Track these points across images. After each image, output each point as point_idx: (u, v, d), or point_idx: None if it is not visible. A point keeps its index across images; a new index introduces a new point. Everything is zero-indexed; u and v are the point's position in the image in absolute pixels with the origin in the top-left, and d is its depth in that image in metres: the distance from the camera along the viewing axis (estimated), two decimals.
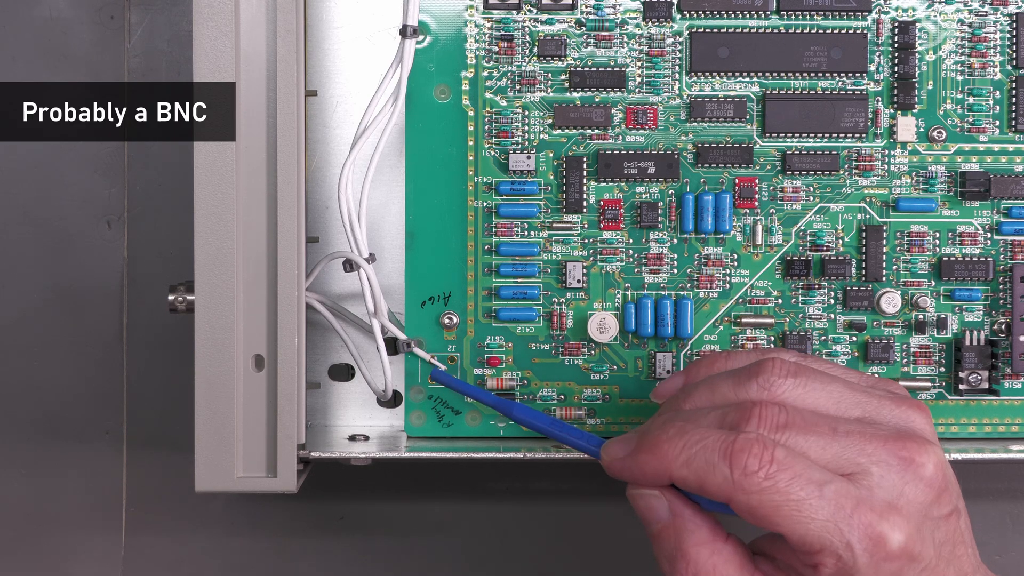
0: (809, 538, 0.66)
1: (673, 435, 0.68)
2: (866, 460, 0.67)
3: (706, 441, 0.67)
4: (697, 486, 0.67)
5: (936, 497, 0.68)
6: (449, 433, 0.81)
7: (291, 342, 0.75)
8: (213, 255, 0.74)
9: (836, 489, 0.66)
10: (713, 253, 0.80)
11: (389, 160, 0.81)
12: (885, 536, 0.66)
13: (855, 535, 0.66)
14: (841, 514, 0.66)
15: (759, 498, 0.65)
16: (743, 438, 0.66)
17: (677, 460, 0.67)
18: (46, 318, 0.85)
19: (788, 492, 0.65)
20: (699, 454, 0.67)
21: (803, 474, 0.66)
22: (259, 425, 0.76)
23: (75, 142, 0.85)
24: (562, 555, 0.86)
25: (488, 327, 0.80)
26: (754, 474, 0.65)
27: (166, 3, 0.84)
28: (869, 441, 0.67)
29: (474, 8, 0.79)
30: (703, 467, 0.66)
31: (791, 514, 0.65)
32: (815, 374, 0.70)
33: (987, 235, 0.80)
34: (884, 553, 0.66)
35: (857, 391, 0.70)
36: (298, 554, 0.86)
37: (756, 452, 0.66)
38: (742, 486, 0.65)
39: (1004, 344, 0.80)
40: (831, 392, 0.69)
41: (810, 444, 0.67)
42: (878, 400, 0.70)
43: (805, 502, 0.65)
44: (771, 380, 0.69)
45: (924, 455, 0.68)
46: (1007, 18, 0.80)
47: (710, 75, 0.80)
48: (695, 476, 0.67)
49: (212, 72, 0.74)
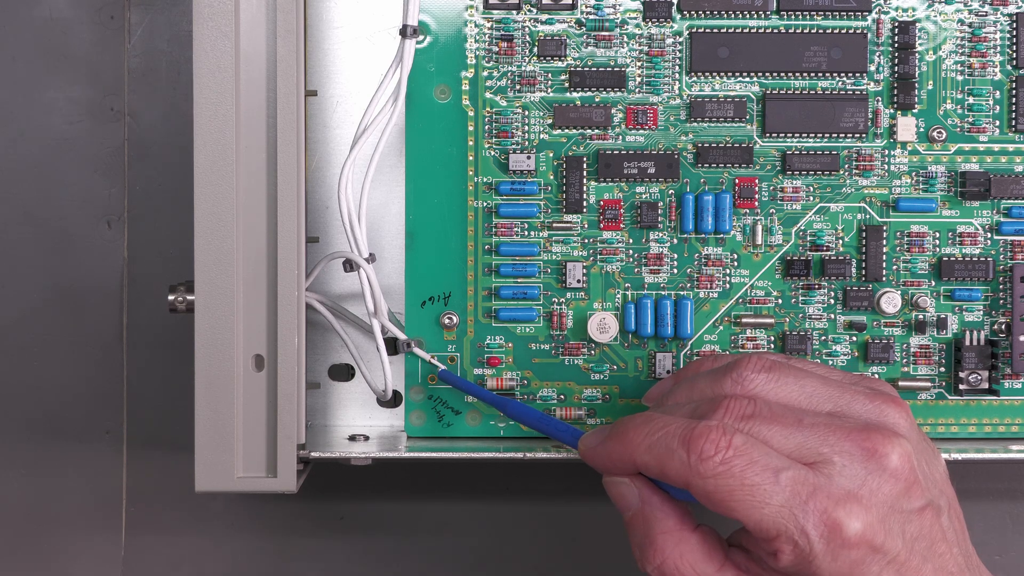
0: (764, 524, 0.66)
1: (640, 423, 0.69)
2: (828, 450, 0.68)
3: (668, 428, 0.68)
4: (658, 471, 0.68)
5: (905, 489, 0.68)
6: (449, 433, 0.81)
7: (291, 342, 0.75)
8: (213, 255, 0.74)
9: (793, 476, 0.66)
10: (713, 253, 0.80)
11: (389, 160, 0.81)
12: (841, 523, 0.66)
13: (810, 521, 0.66)
14: (796, 500, 0.66)
15: (714, 483, 0.66)
16: (703, 425, 0.67)
17: (640, 446, 0.68)
18: (46, 318, 0.85)
19: (743, 477, 0.66)
20: (660, 440, 0.68)
21: (759, 461, 0.66)
22: (259, 425, 0.76)
23: (75, 142, 0.85)
24: (562, 555, 0.86)
25: (488, 327, 0.80)
26: (710, 459, 0.66)
27: (166, 3, 0.84)
28: (833, 432, 0.68)
29: (474, 8, 0.79)
30: (663, 452, 0.68)
31: (745, 499, 0.66)
32: (790, 370, 0.71)
33: (987, 235, 0.80)
34: (840, 540, 0.66)
35: (831, 386, 0.70)
36: (298, 554, 0.86)
37: (713, 438, 0.67)
38: (698, 471, 0.66)
39: (1004, 344, 0.80)
40: (804, 386, 0.70)
41: (773, 433, 0.68)
42: (851, 395, 0.70)
43: (759, 487, 0.66)
44: (744, 375, 0.70)
45: (889, 446, 0.68)
46: (1007, 18, 0.80)
47: (710, 75, 0.80)
48: (656, 461, 0.68)
49: (212, 72, 0.74)
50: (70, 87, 0.84)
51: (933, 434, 0.81)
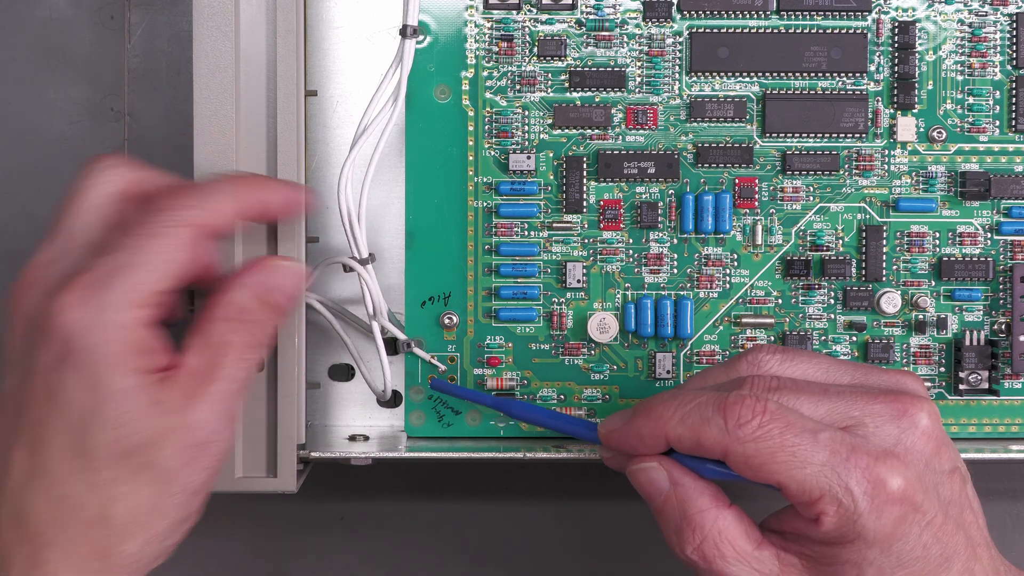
0: (807, 484, 0.66)
1: (668, 399, 0.69)
2: (859, 412, 0.68)
3: (700, 399, 0.68)
4: (693, 442, 0.68)
5: (936, 449, 0.68)
6: (449, 433, 0.81)
7: (291, 342, 0.75)
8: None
9: (831, 436, 0.67)
10: (713, 253, 0.80)
11: (389, 160, 0.81)
12: (883, 478, 0.66)
13: (853, 478, 0.66)
14: (837, 458, 0.66)
15: (755, 446, 0.66)
16: (736, 394, 0.67)
17: (672, 419, 0.68)
18: None
19: (783, 439, 0.66)
20: (694, 411, 0.68)
21: (796, 423, 0.66)
22: (259, 425, 0.76)
23: (75, 142, 0.85)
24: (562, 555, 0.86)
25: (488, 327, 0.80)
26: (748, 423, 0.66)
27: (166, 3, 0.84)
28: (861, 397, 0.68)
29: (474, 8, 0.79)
30: (698, 421, 0.67)
31: (786, 460, 0.66)
32: (801, 352, 0.71)
33: (987, 235, 0.80)
34: (885, 496, 0.66)
35: (845, 364, 0.71)
36: (298, 554, 0.86)
37: (749, 403, 0.67)
38: (737, 436, 0.66)
39: (1004, 344, 0.80)
40: (819, 364, 0.71)
41: (802, 402, 0.68)
42: (866, 369, 0.71)
43: (800, 447, 0.66)
44: (759, 358, 0.71)
45: (917, 406, 0.68)
46: (1007, 18, 0.80)
47: (710, 75, 0.80)
48: (690, 432, 0.68)
49: (212, 72, 0.74)
50: (70, 87, 0.84)
51: None
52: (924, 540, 0.67)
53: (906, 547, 0.67)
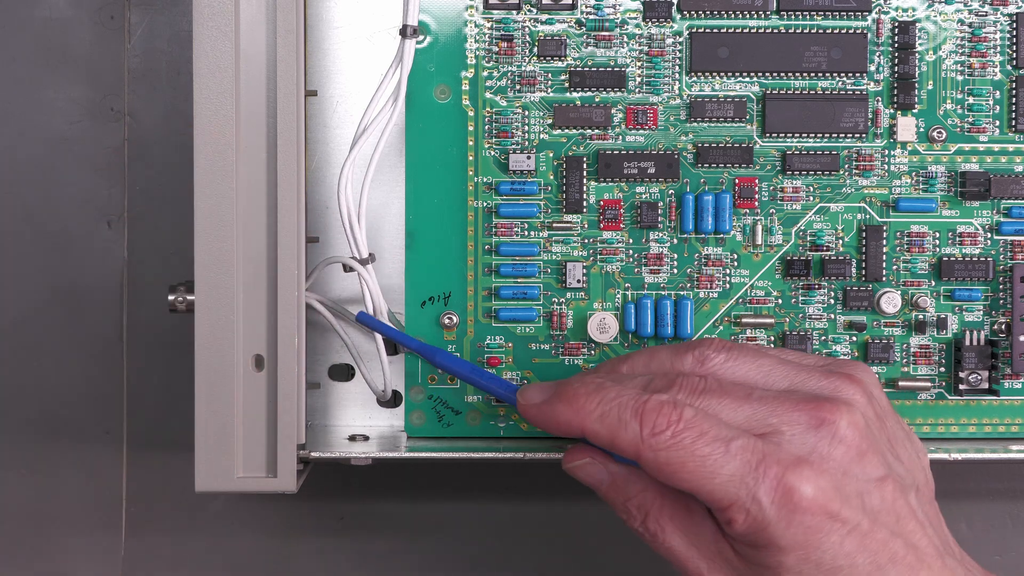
0: (717, 493, 0.67)
1: (592, 390, 0.70)
2: (777, 420, 0.68)
3: (621, 399, 0.69)
4: (608, 441, 0.69)
5: (857, 456, 0.68)
6: (449, 433, 0.81)
7: (291, 342, 0.75)
8: (213, 255, 0.74)
9: (742, 444, 0.67)
10: (713, 253, 0.80)
11: (389, 160, 0.81)
12: (792, 487, 0.66)
13: (762, 487, 0.66)
14: (747, 468, 0.67)
15: (666, 455, 0.67)
16: (655, 399, 0.68)
17: (592, 414, 0.69)
18: (46, 318, 0.85)
19: (693, 449, 0.67)
20: (613, 411, 0.68)
21: (709, 432, 0.67)
22: (259, 425, 0.76)
23: (75, 142, 0.85)
24: (562, 555, 0.86)
25: (488, 327, 0.80)
26: (661, 432, 0.67)
27: (166, 3, 0.84)
28: (782, 404, 0.69)
29: (474, 8, 0.79)
30: (615, 423, 0.68)
31: (696, 470, 0.67)
32: (749, 350, 0.72)
33: (987, 235, 0.80)
34: (793, 505, 0.66)
35: (788, 366, 0.71)
36: (298, 554, 0.86)
37: (666, 412, 0.67)
38: (649, 444, 0.67)
39: (1004, 344, 0.80)
40: (760, 365, 0.71)
41: (723, 407, 0.69)
42: (807, 373, 0.71)
43: (710, 458, 0.67)
44: (705, 353, 0.71)
45: (837, 414, 0.68)
46: (1007, 18, 0.80)
47: (710, 75, 0.80)
48: (607, 431, 0.68)
49: (212, 72, 0.74)
50: (70, 87, 0.84)
51: (933, 434, 0.81)
52: (847, 548, 0.67)
53: (826, 555, 0.67)
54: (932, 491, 0.71)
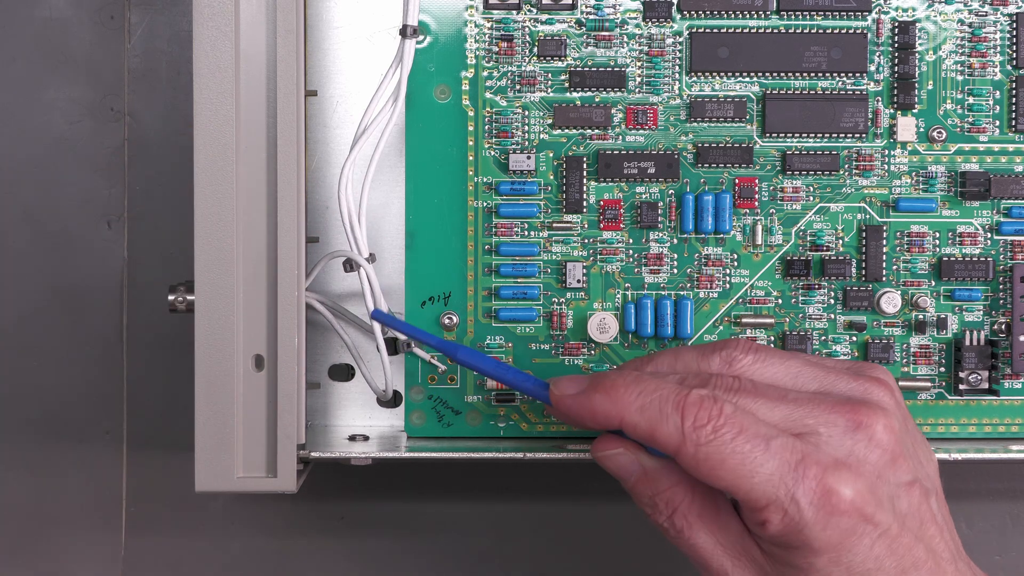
0: (755, 493, 0.66)
1: (630, 381, 0.69)
2: (814, 421, 0.68)
3: (662, 391, 0.68)
4: (647, 434, 0.68)
5: (891, 460, 0.68)
6: (449, 433, 0.81)
7: (291, 342, 0.75)
8: (213, 255, 0.74)
9: (782, 444, 0.67)
10: (713, 253, 0.80)
11: (389, 160, 0.81)
12: (832, 489, 0.66)
13: (800, 488, 0.66)
14: (786, 468, 0.66)
15: (705, 450, 0.67)
16: (696, 393, 0.68)
17: (632, 405, 0.68)
18: (46, 318, 0.85)
19: (734, 445, 0.66)
20: (654, 403, 0.68)
21: (749, 429, 0.67)
22: (259, 425, 0.76)
23: (75, 142, 0.85)
24: (562, 555, 0.86)
25: (488, 327, 0.80)
26: (703, 427, 0.67)
27: (166, 3, 0.84)
28: (818, 405, 0.68)
29: (474, 8, 0.79)
30: (655, 416, 0.68)
31: (735, 467, 0.66)
32: (775, 352, 0.71)
33: (987, 235, 0.80)
34: (832, 507, 0.66)
35: (816, 368, 0.71)
36: (298, 554, 0.86)
37: (707, 406, 0.67)
38: (691, 438, 0.67)
39: (1004, 344, 0.80)
40: (789, 367, 0.71)
41: (759, 406, 0.68)
42: (836, 375, 0.71)
43: (750, 455, 0.66)
44: (733, 355, 0.71)
45: (873, 417, 0.68)
46: (1007, 18, 0.80)
47: (710, 75, 0.80)
48: (647, 423, 0.68)
49: (212, 72, 0.74)
50: (70, 87, 0.84)
51: (933, 434, 0.81)
52: (877, 552, 0.67)
53: (857, 558, 0.67)
54: (943, 496, 0.71)
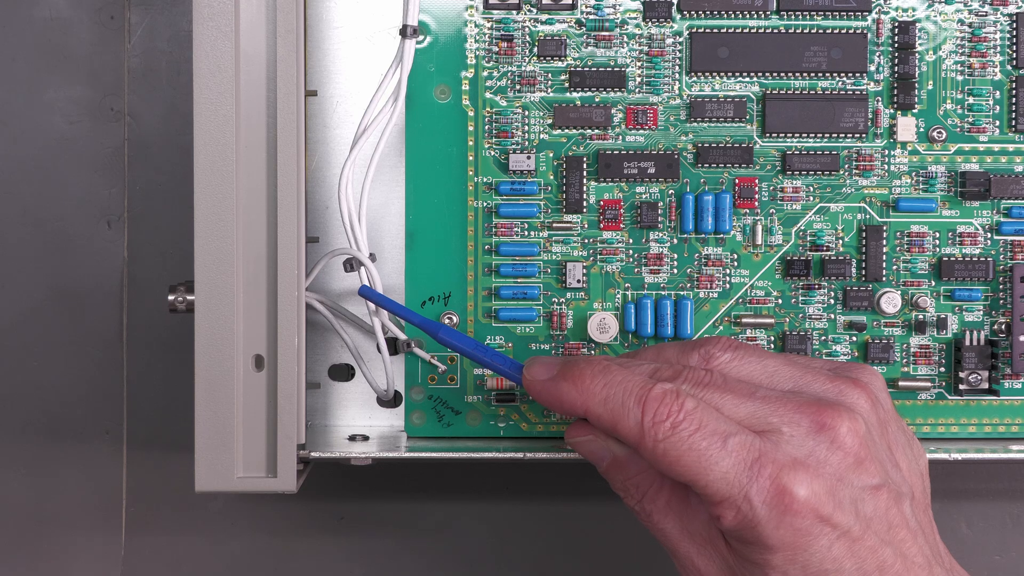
0: (710, 489, 0.67)
1: (597, 372, 0.70)
2: (777, 420, 0.68)
3: (626, 384, 0.69)
4: (610, 426, 0.69)
5: (855, 464, 0.68)
6: (449, 433, 0.81)
7: (291, 342, 0.75)
8: (213, 255, 0.74)
9: (740, 441, 0.67)
10: (713, 253, 0.80)
11: (389, 160, 0.81)
12: (786, 488, 0.67)
13: (754, 487, 0.67)
14: (741, 465, 0.67)
15: (663, 446, 0.67)
16: (659, 387, 0.68)
17: (596, 396, 0.69)
18: (46, 318, 0.85)
19: (691, 441, 0.67)
20: (617, 395, 0.69)
21: (708, 425, 0.67)
22: (259, 425, 0.76)
23: (75, 142, 0.85)
24: (562, 555, 0.86)
25: (488, 327, 0.80)
26: (662, 423, 0.67)
27: (166, 3, 0.84)
28: (784, 404, 0.69)
29: (474, 8, 0.79)
30: (618, 409, 0.68)
31: (692, 463, 0.67)
32: (756, 350, 0.72)
33: (987, 235, 0.80)
34: (784, 506, 0.66)
35: (796, 367, 0.71)
36: (298, 554, 0.86)
37: (668, 401, 0.68)
38: (650, 433, 0.67)
39: (1004, 344, 0.80)
40: (767, 365, 0.71)
41: (725, 401, 0.69)
42: (812, 375, 0.71)
43: (706, 452, 0.67)
44: (712, 351, 0.71)
45: (838, 420, 0.68)
46: (1007, 18, 0.80)
47: (710, 75, 0.80)
48: (609, 416, 0.69)
49: (212, 72, 0.74)
50: (70, 87, 0.84)
51: (933, 434, 0.81)
52: (835, 553, 0.67)
53: (814, 558, 0.67)
54: (928, 498, 0.71)
